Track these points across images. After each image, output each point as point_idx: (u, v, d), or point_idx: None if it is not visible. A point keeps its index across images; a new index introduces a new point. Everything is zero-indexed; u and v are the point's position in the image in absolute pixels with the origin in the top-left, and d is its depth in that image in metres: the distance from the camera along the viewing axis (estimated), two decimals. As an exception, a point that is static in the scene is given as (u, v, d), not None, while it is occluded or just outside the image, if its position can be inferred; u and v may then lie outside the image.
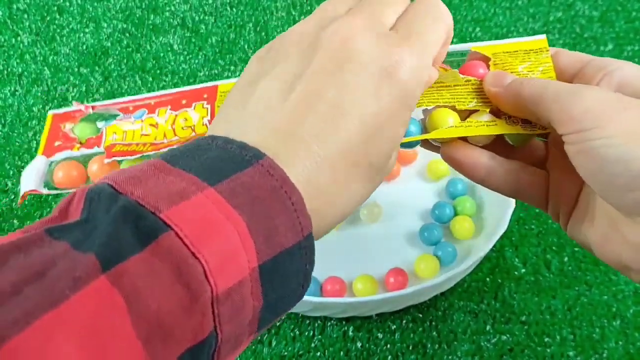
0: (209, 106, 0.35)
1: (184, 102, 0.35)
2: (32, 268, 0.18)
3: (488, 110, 0.31)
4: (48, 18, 0.65)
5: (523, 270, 0.45)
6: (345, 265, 0.44)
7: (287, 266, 0.22)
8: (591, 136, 0.25)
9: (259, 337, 0.42)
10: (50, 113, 0.36)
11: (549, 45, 0.32)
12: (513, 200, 0.43)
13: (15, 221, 0.48)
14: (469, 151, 0.31)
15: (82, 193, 0.21)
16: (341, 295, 0.42)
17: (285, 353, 0.41)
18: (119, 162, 0.34)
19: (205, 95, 0.35)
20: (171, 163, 0.22)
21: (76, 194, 0.21)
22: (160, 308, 0.18)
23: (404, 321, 0.42)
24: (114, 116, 0.36)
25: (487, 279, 0.44)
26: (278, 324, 0.42)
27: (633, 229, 0.26)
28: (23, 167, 0.52)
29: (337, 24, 0.25)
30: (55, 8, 0.66)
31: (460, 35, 0.63)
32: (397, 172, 0.50)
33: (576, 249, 0.46)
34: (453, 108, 0.31)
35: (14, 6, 0.66)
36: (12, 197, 0.50)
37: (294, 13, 0.66)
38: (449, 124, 0.30)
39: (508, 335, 0.42)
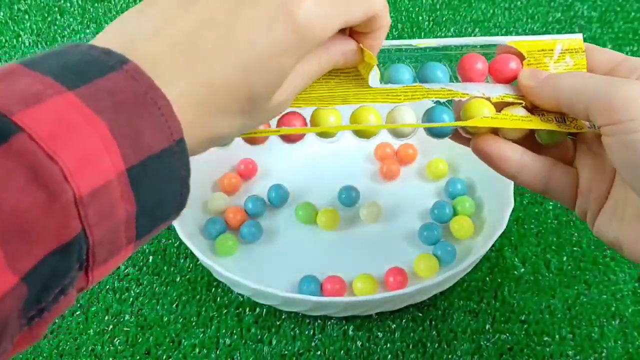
0: None
1: None
2: None
3: (523, 104, 0.31)
4: (49, 19, 0.65)
5: (522, 270, 0.45)
6: (345, 265, 0.44)
7: (159, 170, 0.22)
8: (632, 127, 0.25)
9: (260, 336, 0.42)
10: None
11: None
12: (512, 200, 0.44)
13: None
14: (502, 145, 0.30)
15: None
16: (341, 295, 0.42)
17: (286, 352, 0.41)
18: None
19: None
20: (29, 66, 0.21)
21: None
22: (16, 207, 0.18)
23: (404, 320, 0.43)
24: None
25: (487, 279, 0.45)
26: (278, 322, 0.42)
27: None
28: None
29: None
30: (56, 9, 0.66)
31: (459, 36, 0.63)
32: (397, 172, 0.50)
33: (575, 248, 0.46)
34: (488, 100, 0.31)
35: (15, 7, 0.67)
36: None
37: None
38: (484, 115, 0.30)
39: (507, 335, 0.42)
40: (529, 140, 0.32)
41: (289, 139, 0.32)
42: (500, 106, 0.31)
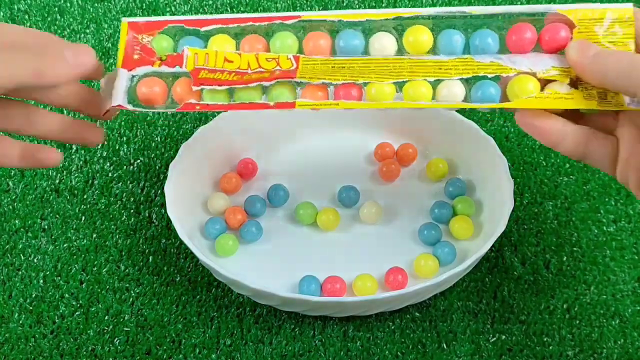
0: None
1: None
2: None
3: (567, 80, 0.33)
4: (49, 19, 0.65)
5: (522, 270, 0.45)
6: (345, 265, 0.44)
7: None
8: None
9: (260, 336, 0.42)
10: (124, 21, 0.36)
11: None
12: (512, 200, 0.44)
13: (16, 221, 0.48)
14: (545, 117, 0.33)
15: None
16: (341, 295, 0.43)
17: (286, 353, 0.41)
18: (201, 90, 0.35)
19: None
20: None
21: None
22: None
23: (404, 321, 0.43)
24: (191, 34, 0.36)
25: (486, 279, 0.45)
26: (279, 323, 0.43)
27: None
28: (24, 168, 0.52)
29: None
30: (56, 9, 0.66)
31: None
32: (397, 172, 0.50)
33: (575, 248, 0.46)
34: (534, 75, 0.33)
35: (15, 7, 0.67)
36: (14, 196, 0.50)
37: (294, 14, 0.67)
38: (529, 89, 0.33)
39: (507, 335, 0.42)
40: (571, 109, 0.33)
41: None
42: (545, 82, 0.33)
